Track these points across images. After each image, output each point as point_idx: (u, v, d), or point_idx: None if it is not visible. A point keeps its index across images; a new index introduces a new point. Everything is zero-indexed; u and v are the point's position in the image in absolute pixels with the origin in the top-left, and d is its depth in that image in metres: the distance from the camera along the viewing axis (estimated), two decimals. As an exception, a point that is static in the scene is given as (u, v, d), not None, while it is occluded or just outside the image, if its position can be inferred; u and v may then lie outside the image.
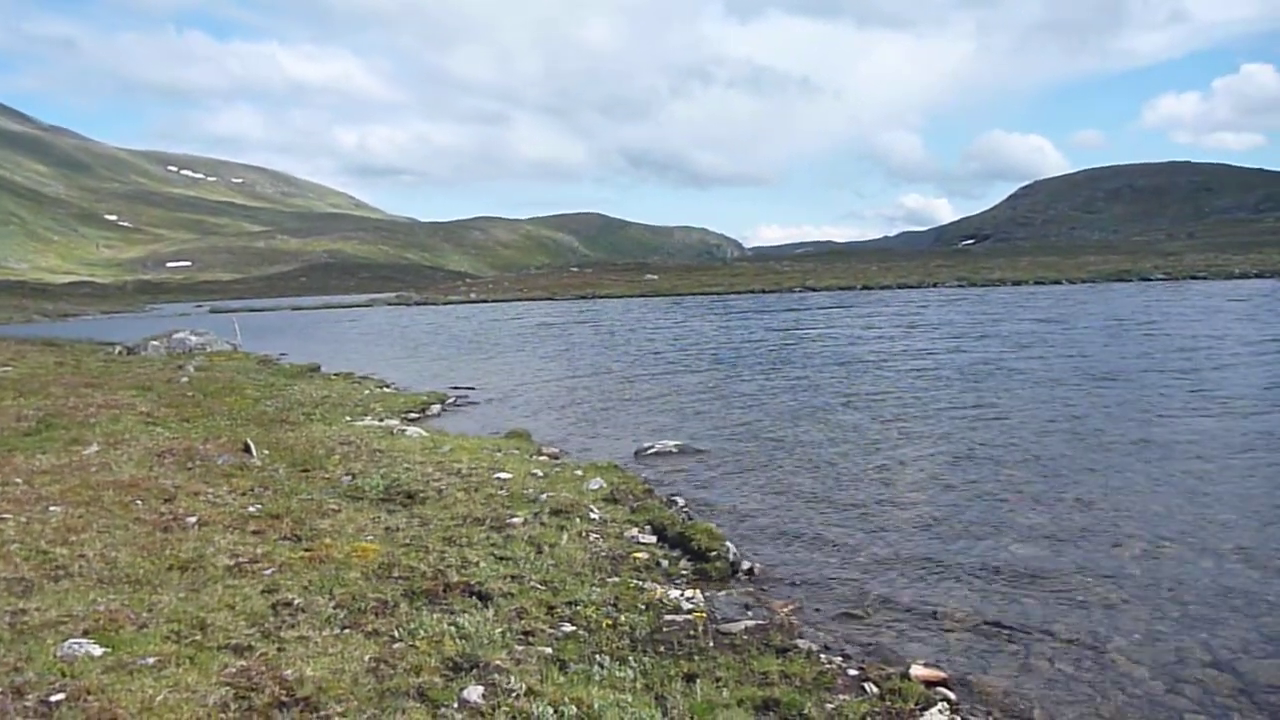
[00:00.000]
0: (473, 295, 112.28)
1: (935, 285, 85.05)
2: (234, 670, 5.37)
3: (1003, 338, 32.88)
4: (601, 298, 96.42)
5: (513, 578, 7.52)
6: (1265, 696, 6.09)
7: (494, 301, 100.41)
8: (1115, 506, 10.60)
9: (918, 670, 6.23)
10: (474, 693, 5.23)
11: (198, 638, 5.88)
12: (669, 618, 6.93)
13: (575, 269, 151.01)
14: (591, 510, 10.07)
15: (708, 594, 7.84)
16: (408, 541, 8.48)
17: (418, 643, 5.96)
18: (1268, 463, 12.41)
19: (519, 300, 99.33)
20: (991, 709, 5.98)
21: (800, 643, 6.63)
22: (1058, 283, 79.66)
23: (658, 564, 8.56)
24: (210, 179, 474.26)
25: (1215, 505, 10.51)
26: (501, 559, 8.04)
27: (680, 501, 11.37)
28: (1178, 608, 7.58)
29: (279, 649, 5.74)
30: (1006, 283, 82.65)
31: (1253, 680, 6.32)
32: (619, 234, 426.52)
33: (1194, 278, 76.54)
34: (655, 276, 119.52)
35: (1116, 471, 12.30)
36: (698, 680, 5.72)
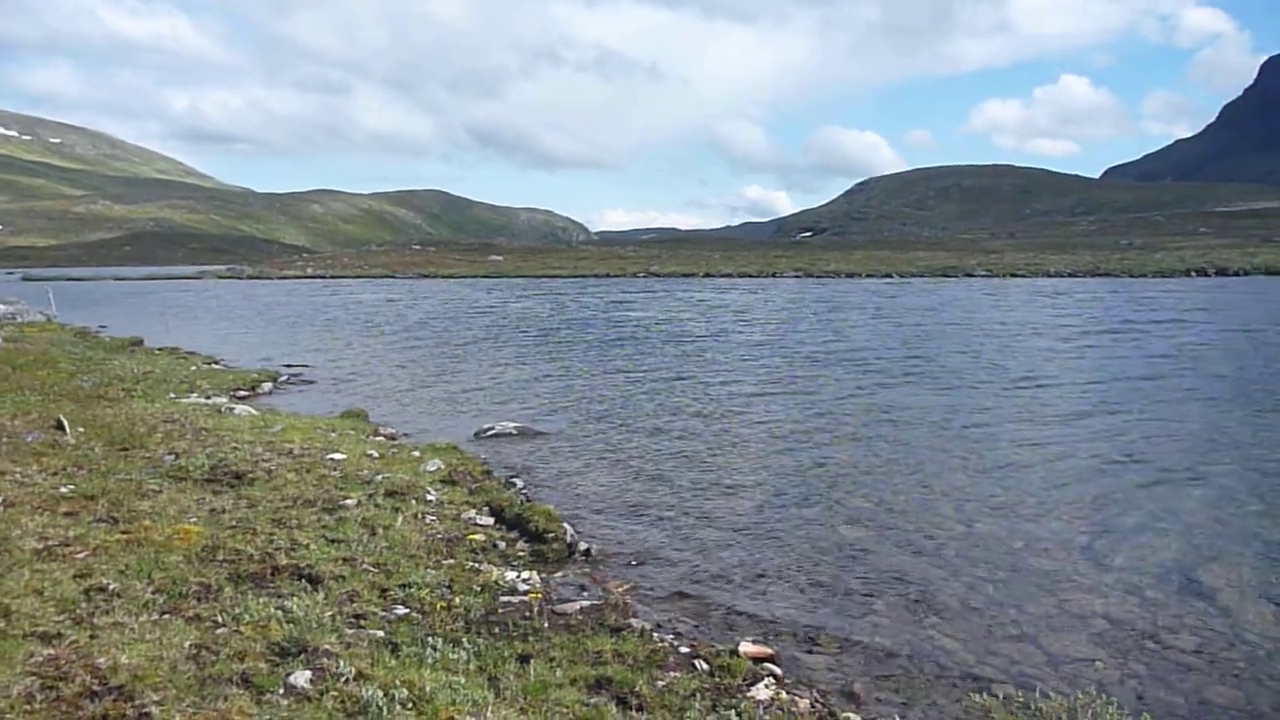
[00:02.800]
0: (310, 271, 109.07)
1: (774, 275, 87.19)
2: (41, 659, 5.09)
3: (835, 329, 34.00)
4: (445, 277, 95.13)
5: (345, 560, 7.37)
6: (1066, 666, 6.51)
7: (333, 278, 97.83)
8: (935, 488, 11.13)
9: (746, 647, 6.41)
10: (301, 677, 5.11)
11: (1, 625, 5.55)
12: (505, 599, 6.93)
13: (418, 247, 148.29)
14: (428, 492, 9.95)
15: (544, 575, 7.86)
16: (234, 524, 8.19)
17: (242, 628, 5.78)
18: (1077, 447, 13.23)
19: (359, 277, 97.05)
20: (815, 683, 6.20)
21: (634, 622, 6.72)
22: (889, 276, 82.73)
23: (494, 546, 8.53)
24: (24, 137, 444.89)
25: (1028, 487, 11.15)
26: (333, 541, 7.86)
27: (519, 483, 11.35)
28: (990, 584, 8.01)
29: (91, 636, 5.47)
30: (841, 275, 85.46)
31: (1055, 651, 6.74)
32: (464, 213, 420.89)
33: (1014, 275, 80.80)
34: (500, 257, 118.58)
35: (937, 454, 12.91)
36: (532, 661, 5.74)
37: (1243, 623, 7.18)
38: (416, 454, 12.00)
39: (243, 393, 18.47)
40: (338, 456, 11.23)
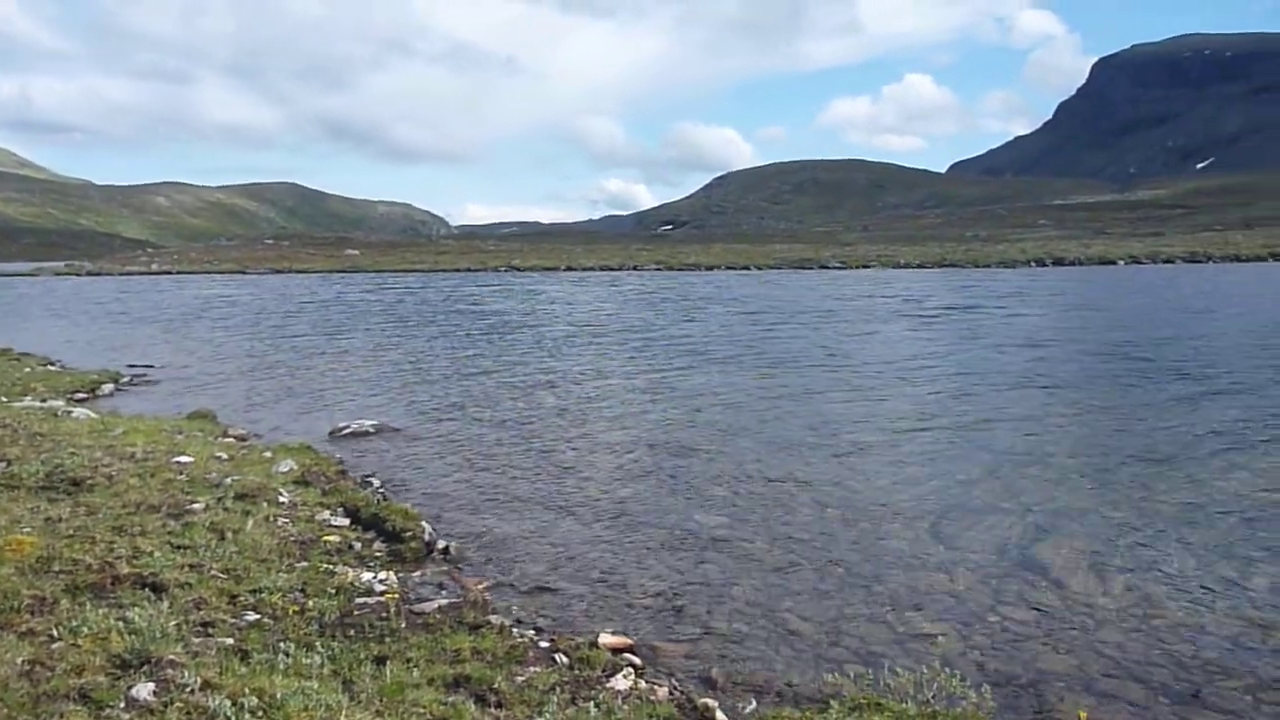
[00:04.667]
0: (155, 266, 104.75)
1: (636, 268, 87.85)
2: None
3: (693, 320, 34.46)
4: (299, 272, 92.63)
5: (191, 567, 7.11)
6: (913, 643, 6.76)
7: (179, 274, 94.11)
8: (789, 474, 11.42)
9: (605, 639, 6.46)
10: (144, 690, 4.91)
11: None
12: (360, 601, 6.80)
13: (270, 241, 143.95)
14: (281, 493, 9.67)
15: (402, 575, 7.75)
16: (71, 532, 7.81)
17: (81, 641, 5.52)
18: (922, 431, 13.75)
19: (208, 273, 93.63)
20: (674, 671, 6.29)
21: (493, 618, 6.69)
22: (747, 269, 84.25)
23: (350, 547, 8.36)
24: None
25: (877, 470, 11.54)
26: (179, 548, 7.57)
27: (376, 482, 11.16)
28: (841, 568, 8.26)
29: (-87, 657, 5.15)
30: (701, 267, 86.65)
31: (903, 629, 7.00)
32: (318, 206, 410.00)
33: (866, 266, 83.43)
34: (357, 252, 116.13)
35: (791, 440, 13.25)
36: (388, 662, 5.65)
37: (1076, 595, 7.58)
38: (268, 455, 11.66)
39: (82, 395, 17.62)
40: (184, 459, 10.82)
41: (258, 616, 6.30)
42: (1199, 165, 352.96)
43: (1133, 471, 11.33)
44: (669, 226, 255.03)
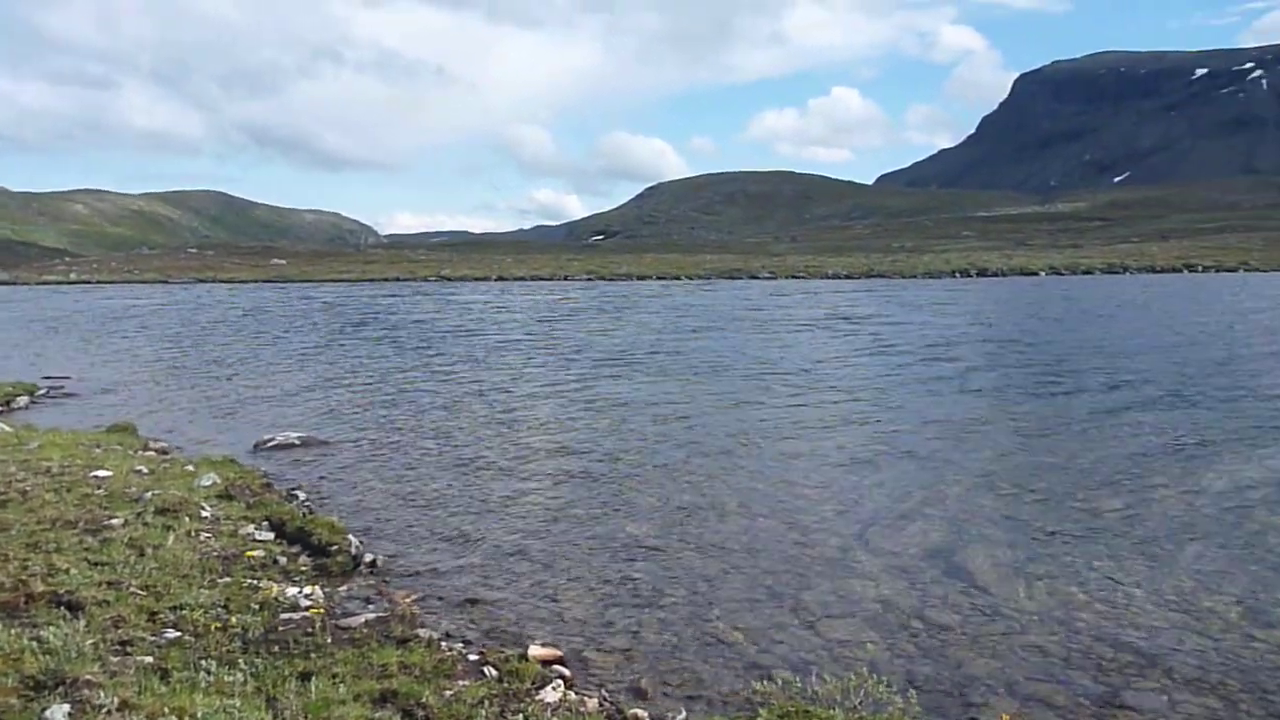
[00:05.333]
0: (73, 276, 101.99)
1: (566, 278, 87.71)
2: None
3: (624, 330, 34.52)
4: (224, 282, 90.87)
5: (109, 584, 6.93)
6: (841, 649, 6.84)
7: (99, 283, 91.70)
8: (719, 484, 11.49)
9: (535, 650, 6.43)
10: (59, 712, 4.77)
11: None
12: (285, 616, 6.69)
13: (194, 250, 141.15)
14: (203, 508, 9.47)
15: (328, 589, 7.64)
16: (-17, 550, 7.58)
17: (-9, 663, 5.35)
18: (849, 438, 13.92)
19: (129, 283, 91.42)
20: (604, 682, 6.29)
21: (421, 632, 6.62)
22: (678, 278, 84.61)
23: (275, 561, 8.21)
24: None
25: (804, 479, 11.67)
26: (96, 564, 7.38)
27: (302, 495, 10.99)
28: (770, 576, 8.33)
29: None
30: (632, 277, 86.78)
31: (831, 636, 7.08)
32: (244, 215, 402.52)
33: (796, 276, 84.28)
34: (284, 261, 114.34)
35: (720, 449, 13.34)
36: (314, 678, 5.56)
37: (999, 598, 7.74)
38: (190, 468, 11.42)
39: (-6, 408, 17.09)
40: (103, 474, 10.54)
41: (178, 634, 6.16)
42: (1116, 179, 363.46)
43: (1053, 477, 11.61)
44: (600, 236, 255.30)
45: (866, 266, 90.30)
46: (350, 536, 8.84)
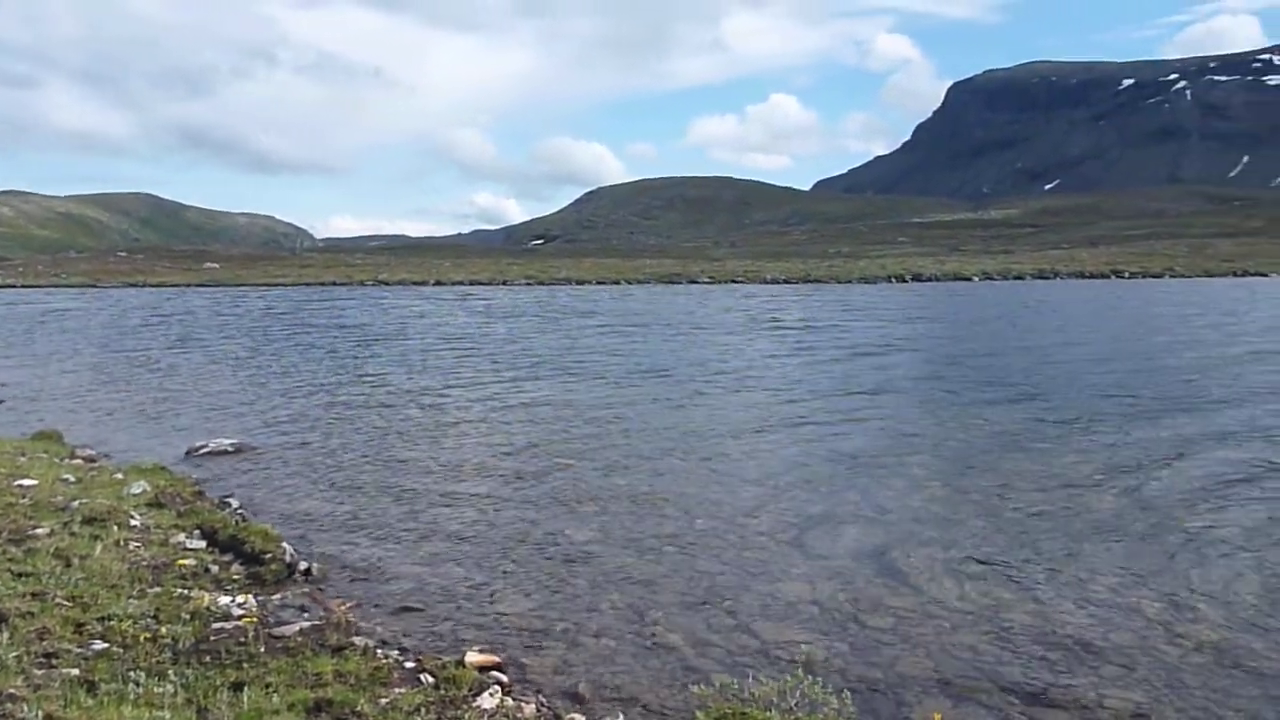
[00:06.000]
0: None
1: (506, 282, 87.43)
2: None
3: (563, 336, 34.49)
4: (154, 286, 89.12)
5: (34, 595, 6.77)
6: (777, 651, 6.90)
7: (24, 287, 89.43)
8: (655, 488, 11.53)
9: (472, 657, 6.40)
10: (-20, 727, 4.67)
11: None
12: (217, 626, 6.59)
13: (123, 254, 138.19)
14: (132, 517, 9.29)
15: (261, 598, 7.53)
16: (-100, 563, 7.36)
17: (-90, 677, 5.21)
18: (784, 442, 14.07)
19: (55, 287, 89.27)
20: (542, 687, 6.28)
21: (357, 640, 6.56)
22: (617, 283, 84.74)
23: (207, 570, 8.08)
24: None
25: (741, 482, 11.74)
26: (21, 575, 7.20)
27: (234, 503, 10.80)
28: (707, 579, 8.38)
29: None
30: (572, 282, 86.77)
31: (768, 638, 7.14)
32: (175, 218, 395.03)
33: (734, 282, 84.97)
34: (217, 265, 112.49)
35: (658, 453, 13.39)
36: (246, 688, 5.49)
37: (932, 599, 7.86)
38: (119, 476, 11.19)
39: (-88, 416, 16.59)
40: (27, 483, 10.29)
41: (106, 645, 6.04)
42: (1047, 186, 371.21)
43: (983, 478, 11.82)
44: (540, 241, 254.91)
45: (804, 272, 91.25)
46: (284, 544, 8.72)
